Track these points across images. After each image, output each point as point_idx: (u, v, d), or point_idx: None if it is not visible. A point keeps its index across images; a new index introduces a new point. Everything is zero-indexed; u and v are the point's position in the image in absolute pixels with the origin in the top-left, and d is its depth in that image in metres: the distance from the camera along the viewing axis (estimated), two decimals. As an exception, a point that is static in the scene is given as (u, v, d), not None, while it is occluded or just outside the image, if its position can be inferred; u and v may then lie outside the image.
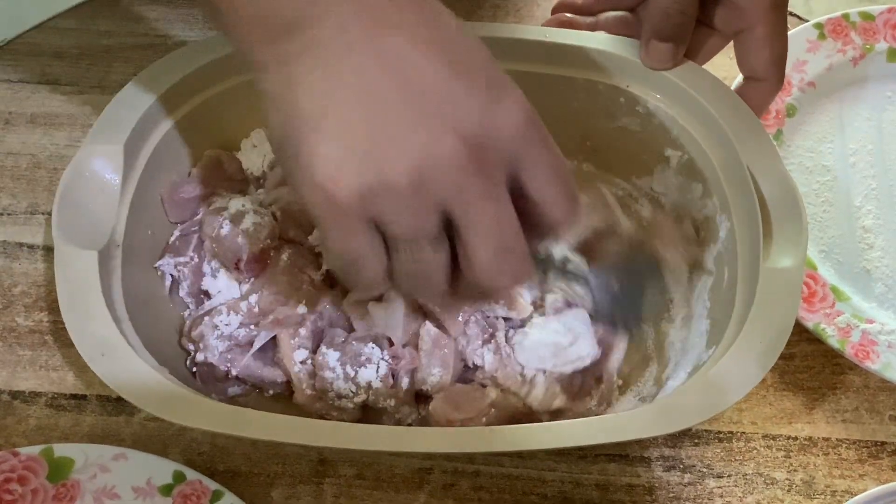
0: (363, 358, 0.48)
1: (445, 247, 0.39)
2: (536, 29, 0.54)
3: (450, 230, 0.38)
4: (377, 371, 0.48)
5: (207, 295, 0.52)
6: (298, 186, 0.37)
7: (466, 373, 0.51)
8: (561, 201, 0.40)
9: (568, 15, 0.56)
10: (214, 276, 0.52)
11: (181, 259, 0.52)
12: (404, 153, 0.36)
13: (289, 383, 0.50)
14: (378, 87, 0.36)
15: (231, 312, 0.50)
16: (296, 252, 0.51)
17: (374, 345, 0.49)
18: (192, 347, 0.50)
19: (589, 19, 0.56)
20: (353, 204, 0.36)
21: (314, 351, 0.50)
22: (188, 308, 0.52)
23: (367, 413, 0.50)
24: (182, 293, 0.52)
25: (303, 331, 0.50)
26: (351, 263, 0.39)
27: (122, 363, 0.43)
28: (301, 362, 0.49)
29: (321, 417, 0.49)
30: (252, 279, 0.51)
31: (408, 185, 0.36)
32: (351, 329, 0.51)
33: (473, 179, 0.36)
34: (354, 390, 0.48)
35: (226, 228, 0.51)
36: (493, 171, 0.37)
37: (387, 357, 0.49)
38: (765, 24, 0.50)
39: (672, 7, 0.50)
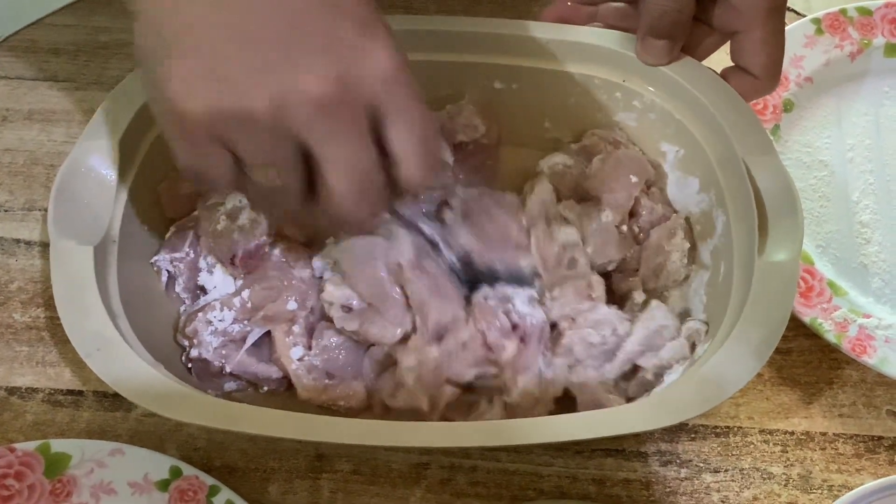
0: None
1: (299, 174, 0.39)
2: (533, 24, 0.54)
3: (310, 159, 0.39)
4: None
5: (203, 290, 0.52)
6: (152, 100, 0.39)
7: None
8: (415, 160, 0.40)
9: (569, 3, 0.56)
10: (210, 272, 0.52)
11: (177, 255, 0.52)
12: (265, 83, 0.36)
13: (283, 379, 0.50)
14: (247, 11, 0.36)
15: (224, 308, 0.50)
16: (287, 248, 0.51)
17: None
18: (186, 343, 0.50)
19: (588, 9, 0.56)
20: (200, 123, 0.37)
21: (309, 347, 0.50)
22: (184, 304, 0.52)
23: (374, 394, 0.50)
24: (178, 289, 0.52)
25: (296, 328, 0.50)
26: (197, 176, 0.40)
27: (118, 358, 0.43)
28: (298, 359, 0.49)
29: (327, 409, 0.49)
30: (246, 275, 0.51)
31: (263, 115, 0.36)
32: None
33: (333, 118, 0.37)
34: None
35: (222, 224, 0.51)
36: (354, 113, 0.38)
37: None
38: (762, 27, 0.49)
39: (669, 5, 0.50)
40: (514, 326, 0.49)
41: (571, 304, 0.50)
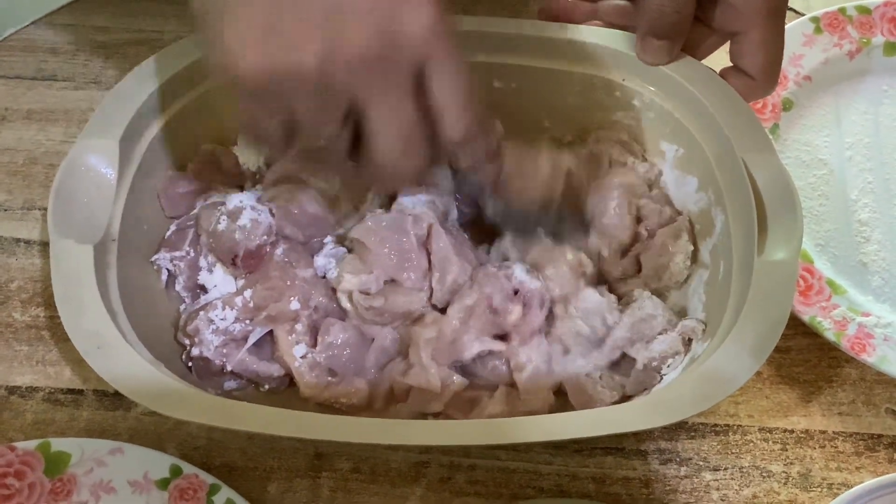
0: None
1: (347, 130, 0.42)
2: (533, 23, 0.54)
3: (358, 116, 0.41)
4: None
5: (203, 289, 0.52)
6: (209, 62, 0.40)
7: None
8: (457, 111, 0.42)
9: (568, 0, 0.56)
10: (210, 271, 0.52)
11: (177, 254, 0.52)
12: (313, 38, 0.38)
13: (284, 378, 0.50)
14: None
15: (226, 307, 0.50)
16: (290, 248, 0.51)
17: None
18: (187, 342, 0.50)
19: (587, 6, 0.56)
20: (253, 79, 0.39)
21: (312, 345, 0.50)
22: (184, 302, 0.52)
23: (376, 393, 0.50)
24: (178, 287, 0.52)
25: (299, 326, 0.50)
26: (255, 139, 0.43)
27: (118, 357, 0.43)
28: (301, 357, 0.49)
29: (328, 407, 0.49)
30: (248, 274, 0.51)
31: (311, 70, 0.38)
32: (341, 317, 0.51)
33: (378, 72, 0.39)
34: None
35: (223, 224, 0.51)
36: (399, 67, 0.40)
37: None
38: (761, 29, 0.49)
39: (668, 6, 0.49)
40: (515, 292, 0.50)
41: (568, 282, 0.51)
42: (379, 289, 0.50)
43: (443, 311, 0.51)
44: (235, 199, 0.52)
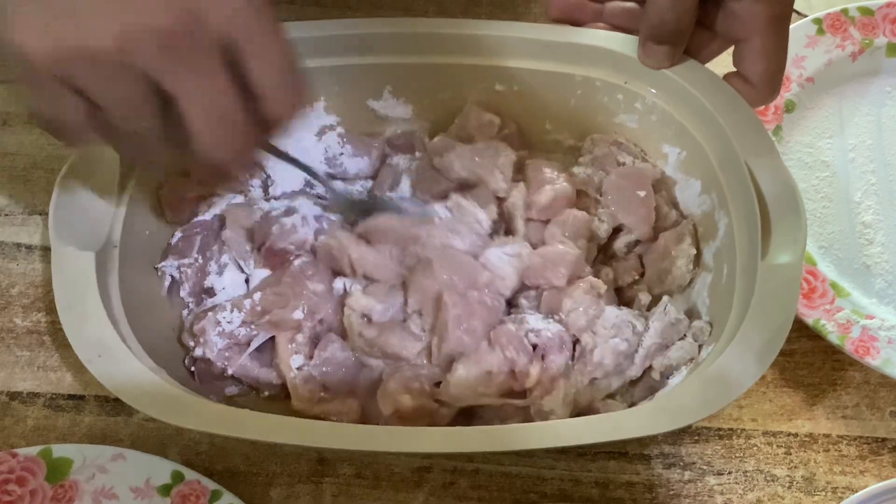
0: None
1: (157, 116, 0.38)
2: (534, 26, 0.54)
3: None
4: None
5: (209, 293, 0.52)
6: (4, 47, 0.37)
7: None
8: (278, 92, 0.39)
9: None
10: (220, 274, 0.52)
11: (185, 261, 0.52)
12: (109, 17, 0.36)
13: (283, 385, 0.50)
14: None
15: (234, 310, 0.50)
16: (309, 262, 0.52)
17: None
18: (191, 343, 0.50)
19: (595, 6, 0.55)
20: (44, 63, 0.36)
21: (311, 357, 0.50)
22: (187, 307, 0.52)
23: (368, 415, 0.50)
24: (183, 293, 0.52)
25: (300, 336, 0.50)
26: (50, 124, 0.40)
27: (119, 364, 0.43)
28: (297, 368, 0.49)
29: (322, 419, 0.49)
30: (263, 266, 0.52)
31: (108, 52, 0.36)
32: (344, 336, 0.51)
33: (183, 53, 0.36)
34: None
35: (276, 211, 0.53)
36: (206, 46, 0.37)
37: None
38: (763, 36, 0.49)
39: (668, 13, 0.49)
40: (534, 347, 0.49)
41: (589, 307, 0.50)
42: (381, 320, 0.50)
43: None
44: (299, 202, 0.54)
